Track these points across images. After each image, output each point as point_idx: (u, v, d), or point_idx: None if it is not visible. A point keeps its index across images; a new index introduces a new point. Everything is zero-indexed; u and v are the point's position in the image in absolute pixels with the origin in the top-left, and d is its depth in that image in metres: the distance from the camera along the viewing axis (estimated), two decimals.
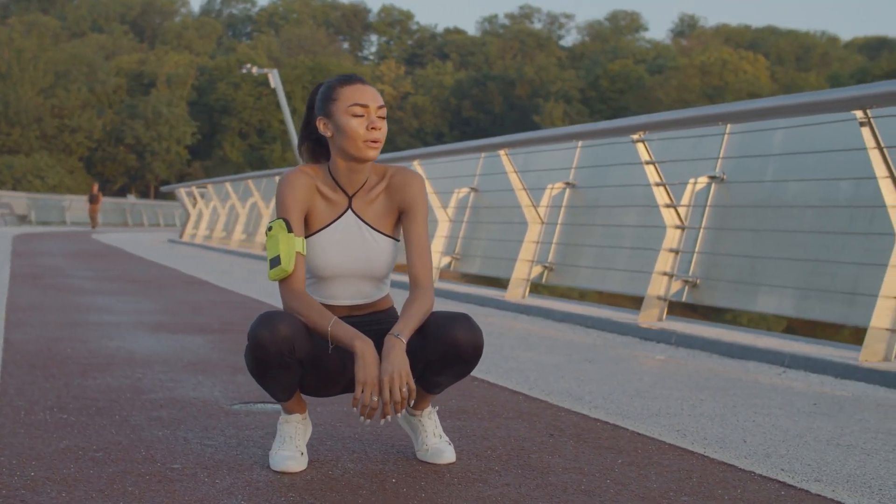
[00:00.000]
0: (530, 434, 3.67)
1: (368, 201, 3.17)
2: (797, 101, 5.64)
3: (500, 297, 9.19)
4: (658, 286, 7.13)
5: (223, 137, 71.11)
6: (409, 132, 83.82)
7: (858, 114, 5.27)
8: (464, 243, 10.95)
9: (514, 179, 9.40)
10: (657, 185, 7.25)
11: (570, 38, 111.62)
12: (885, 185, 5.32)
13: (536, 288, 9.90)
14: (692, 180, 7.16)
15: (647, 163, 7.27)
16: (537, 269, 9.11)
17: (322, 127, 3.13)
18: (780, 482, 3.05)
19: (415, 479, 3.00)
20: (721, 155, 7.17)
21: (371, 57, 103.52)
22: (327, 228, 3.13)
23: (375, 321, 3.22)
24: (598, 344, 6.53)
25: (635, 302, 9.57)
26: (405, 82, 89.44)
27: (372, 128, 3.06)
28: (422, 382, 3.15)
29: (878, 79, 75.78)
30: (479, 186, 10.86)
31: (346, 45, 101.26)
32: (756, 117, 6.12)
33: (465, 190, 10.96)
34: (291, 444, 3.13)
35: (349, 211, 3.15)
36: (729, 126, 7.08)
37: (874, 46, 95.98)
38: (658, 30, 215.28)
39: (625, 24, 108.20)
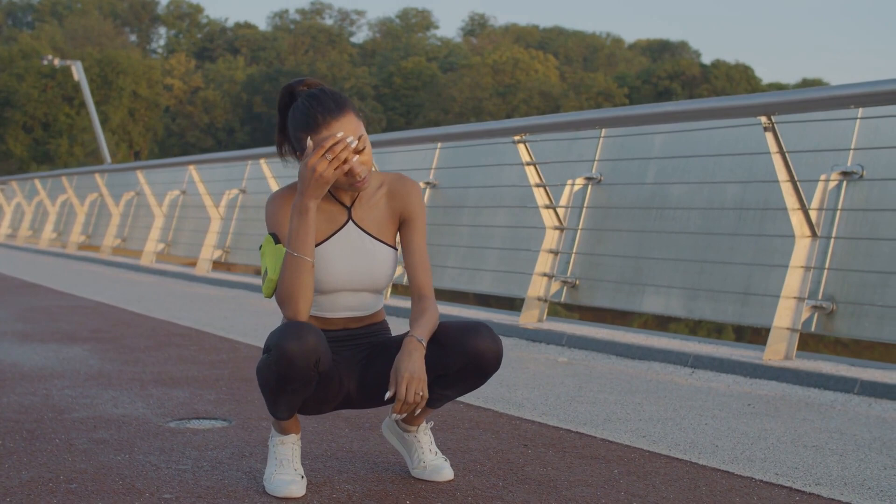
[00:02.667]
0: (504, 445, 3.59)
1: (369, 209, 3.02)
2: (705, 105, 5.74)
3: None
4: (538, 287, 7.15)
5: (5, 131, 67.92)
6: (199, 127, 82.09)
7: (763, 119, 5.39)
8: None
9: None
10: (537, 186, 7.27)
11: (361, 35, 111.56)
12: (786, 188, 5.46)
13: (396, 289, 9.84)
14: (570, 182, 7.21)
15: (528, 164, 7.28)
16: (399, 270, 9.01)
17: (299, 156, 2.93)
18: (785, 487, 3.07)
19: (428, 499, 2.88)
20: (597, 157, 7.25)
21: (160, 50, 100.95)
22: (328, 241, 2.96)
23: (372, 333, 3.09)
24: None
25: (501, 302, 9.60)
26: (195, 76, 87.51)
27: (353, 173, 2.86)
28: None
29: (662, 79, 78.96)
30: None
31: (133, 38, 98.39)
32: (665, 120, 6.19)
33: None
34: (289, 466, 2.96)
35: (350, 222, 2.99)
36: (604, 130, 7.17)
37: (657, 49, 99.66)
38: (449, 28, 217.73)
39: (416, 22, 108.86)
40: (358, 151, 2.84)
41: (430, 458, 3.12)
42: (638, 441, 3.70)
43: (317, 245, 2.95)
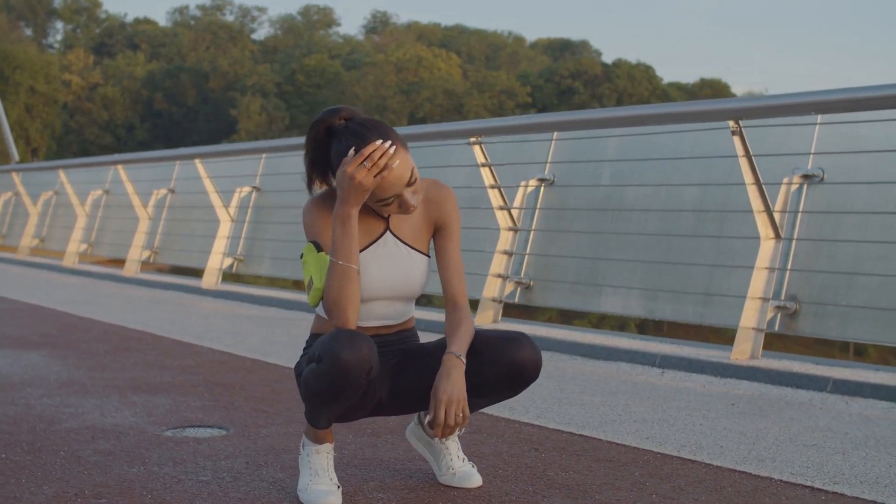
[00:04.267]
0: (514, 449, 3.61)
1: (405, 218, 3.00)
2: (675, 110, 5.82)
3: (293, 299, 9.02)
4: (493, 288, 7.18)
5: None
6: (98, 124, 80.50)
7: (731, 124, 5.49)
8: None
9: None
10: (491, 187, 7.30)
11: (262, 32, 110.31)
12: (752, 191, 5.57)
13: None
14: (523, 183, 7.26)
15: (483, 165, 7.31)
16: None
17: None
18: (808, 487, 3.14)
19: None
20: (549, 159, 7.31)
21: (56, 45, 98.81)
22: (367, 250, 2.93)
23: (402, 339, 3.08)
24: None
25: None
26: (94, 72, 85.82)
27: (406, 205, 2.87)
28: None
29: (565, 78, 79.59)
30: (261, 186, 10.66)
31: (29, 32, 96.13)
32: (637, 123, 6.26)
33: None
34: (325, 476, 2.93)
35: (388, 232, 2.97)
36: (555, 133, 7.24)
37: (558, 48, 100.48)
38: (351, 26, 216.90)
39: (318, 19, 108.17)
40: (410, 184, 2.83)
41: (458, 464, 3.12)
42: (644, 443, 3.75)
43: None
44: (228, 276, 10.90)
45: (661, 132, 6.44)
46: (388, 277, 2.94)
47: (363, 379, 2.72)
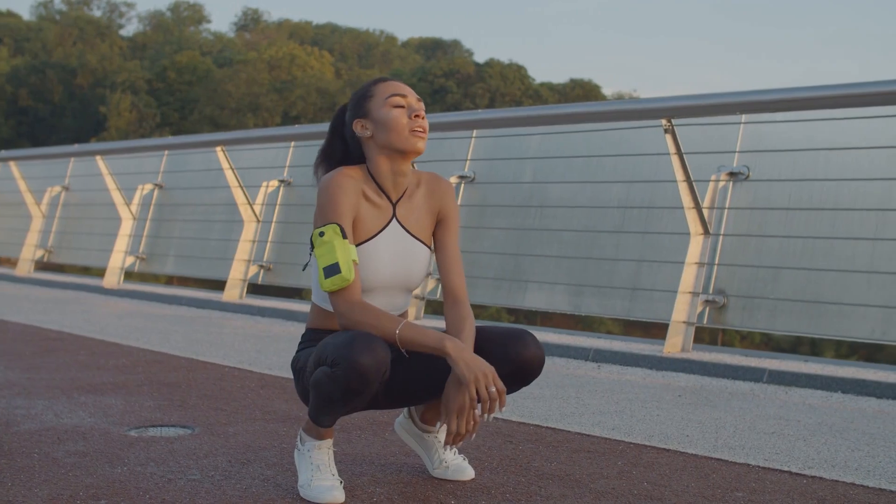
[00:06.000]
0: (487, 441, 3.66)
1: (411, 208, 3.01)
2: (609, 108, 5.94)
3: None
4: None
5: None
6: None
7: (664, 122, 5.63)
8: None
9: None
10: None
11: (131, 28, 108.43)
12: (682, 188, 5.72)
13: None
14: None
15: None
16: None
17: (359, 128, 2.95)
18: (786, 472, 3.26)
19: (470, 499, 2.91)
20: (468, 157, 7.38)
21: None
22: (375, 238, 2.93)
23: None
24: None
25: None
26: None
27: (415, 115, 2.92)
28: None
29: (438, 77, 79.92)
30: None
31: None
32: (569, 121, 6.35)
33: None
34: (327, 471, 2.92)
35: (394, 219, 2.98)
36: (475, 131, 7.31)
37: (430, 47, 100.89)
38: (222, 22, 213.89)
39: (187, 16, 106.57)
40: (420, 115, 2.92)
41: (450, 457, 3.14)
42: (612, 434, 3.83)
43: (363, 242, 2.92)
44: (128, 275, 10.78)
45: (583, 130, 6.55)
46: (394, 268, 2.94)
47: (378, 383, 2.71)
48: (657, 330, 6.53)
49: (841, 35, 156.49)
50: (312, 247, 2.88)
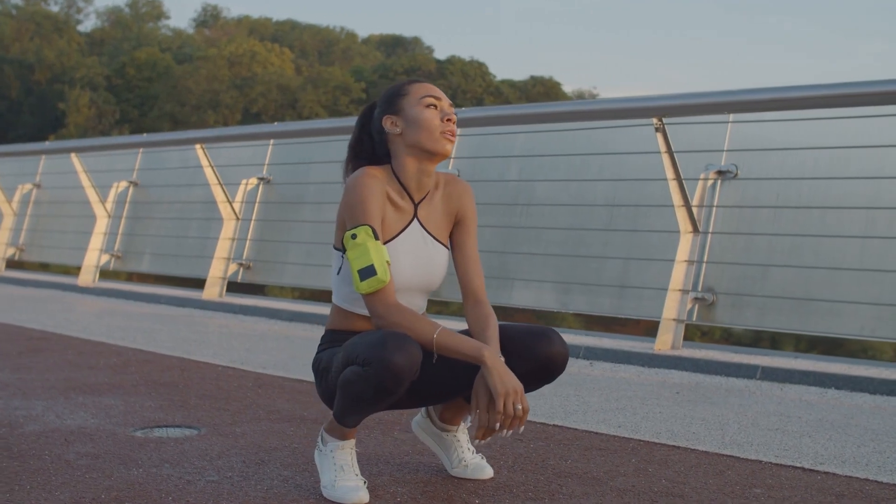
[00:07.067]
0: (497, 440, 3.66)
1: (431, 210, 3.01)
2: (600, 107, 5.97)
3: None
4: None
5: None
6: None
7: (655, 121, 5.66)
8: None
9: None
10: None
11: (89, 24, 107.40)
12: (672, 186, 5.76)
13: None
14: None
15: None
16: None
17: (389, 125, 2.95)
18: (798, 468, 3.29)
19: (493, 498, 2.92)
20: (452, 154, 7.39)
21: None
22: (397, 239, 2.93)
23: None
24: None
25: None
26: None
27: (447, 119, 2.93)
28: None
29: (400, 74, 79.82)
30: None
31: None
32: (560, 119, 6.37)
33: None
34: (350, 472, 2.91)
35: (415, 220, 2.98)
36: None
37: (390, 43, 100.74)
38: (181, 19, 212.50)
39: (146, 12, 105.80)
40: (451, 120, 2.94)
41: (469, 456, 3.15)
42: (619, 431, 3.86)
43: (385, 242, 2.91)
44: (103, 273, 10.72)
45: (571, 129, 6.58)
46: (415, 269, 2.94)
47: (409, 382, 2.72)
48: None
49: (835, 33, 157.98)
50: (344, 249, 2.88)
